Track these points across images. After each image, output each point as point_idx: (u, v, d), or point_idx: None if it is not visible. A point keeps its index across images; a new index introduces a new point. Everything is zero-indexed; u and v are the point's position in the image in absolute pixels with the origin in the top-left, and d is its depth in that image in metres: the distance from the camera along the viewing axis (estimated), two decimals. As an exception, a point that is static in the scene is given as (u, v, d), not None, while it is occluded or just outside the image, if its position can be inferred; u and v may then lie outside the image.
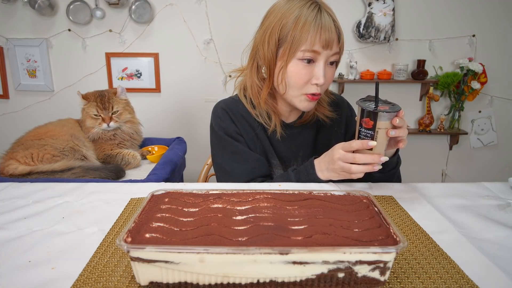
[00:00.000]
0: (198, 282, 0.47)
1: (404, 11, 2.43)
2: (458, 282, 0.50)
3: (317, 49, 0.87)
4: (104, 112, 1.67)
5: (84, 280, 0.50)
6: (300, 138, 1.05)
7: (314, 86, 0.91)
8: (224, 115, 1.01)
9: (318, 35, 0.86)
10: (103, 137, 1.71)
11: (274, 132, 1.01)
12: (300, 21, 0.86)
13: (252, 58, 0.99)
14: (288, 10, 0.89)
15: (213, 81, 2.54)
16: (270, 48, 0.92)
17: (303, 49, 0.87)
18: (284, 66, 0.91)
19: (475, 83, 2.45)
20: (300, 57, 0.88)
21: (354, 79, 2.44)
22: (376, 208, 0.57)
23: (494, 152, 2.71)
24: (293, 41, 0.87)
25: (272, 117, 1.00)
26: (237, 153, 0.99)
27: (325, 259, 0.45)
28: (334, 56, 0.91)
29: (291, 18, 0.87)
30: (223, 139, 1.00)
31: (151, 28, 2.44)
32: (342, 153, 0.80)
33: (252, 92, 1.00)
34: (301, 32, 0.86)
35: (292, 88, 0.92)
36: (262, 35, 0.94)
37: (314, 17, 0.86)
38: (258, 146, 1.02)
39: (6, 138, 1.81)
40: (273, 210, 0.58)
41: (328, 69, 0.91)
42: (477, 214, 0.72)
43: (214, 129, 1.02)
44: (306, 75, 0.90)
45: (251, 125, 1.02)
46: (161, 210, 0.57)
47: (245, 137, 1.01)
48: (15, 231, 0.64)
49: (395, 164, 0.93)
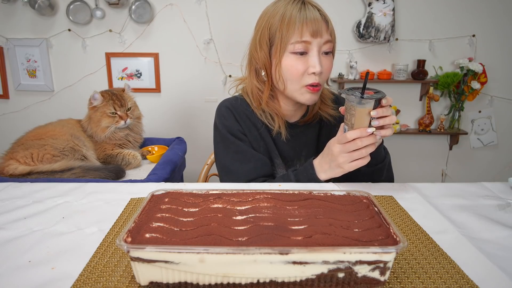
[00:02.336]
0: (198, 282, 0.47)
1: (404, 11, 2.44)
2: (458, 282, 0.50)
3: (307, 39, 0.88)
4: (121, 109, 1.68)
5: (84, 280, 0.50)
6: (303, 138, 1.05)
7: (312, 76, 0.91)
8: (228, 114, 1.01)
9: (304, 26, 0.88)
10: (115, 136, 1.71)
11: (278, 133, 1.01)
12: (285, 17, 0.89)
13: (250, 64, 1.01)
14: (273, 10, 0.92)
15: (213, 81, 2.54)
16: (263, 50, 0.94)
17: (293, 42, 0.89)
18: (278, 63, 0.92)
19: (475, 83, 2.45)
20: (291, 50, 0.90)
21: (354, 79, 2.45)
22: (376, 208, 0.57)
23: (494, 152, 2.71)
24: (282, 36, 0.89)
25: (275, 119, 1.00)
26: (240, 153, 0.99)
27: (325, 259, 0.45)
28: (327, 45, 0.91)
29: (277, 17, 0.90)
30: (227, 138, 1.00)
31: (151, 28, 2.44)
32: (340, 146, 0.81)
33: (253, 97, 1.01)
34: (288, 27, 0.88)
35: (290, 82, 0.93)
36: (254, 40, 0.98)
37: (298, 10, 0.88)
38: (262, 145, 1.02)
39: (6, 138, 1.81)
40: (273, 210, 0.58)
41: (324, 58, 0.92)
42: (477, 214, 0.72)
43: (218, 127, 1.02)
44: (302, 66, 0.90)
45: (255, 124, 1.02)
46: (161, 210, 0.57)
47: (249, 136, 1.01)
48: (15, 231, 0.64)
49: (383, 158, 0.93)
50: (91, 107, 1.69)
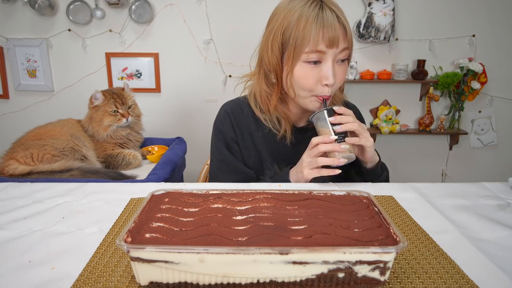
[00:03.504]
0: (198, 282, 0.47)
1: (404, 11, 2.43)
2: (458, 282, 0.50)
3: (322, 49, 0.83)
4: (122, 107, 1.69)
5: (84, 280, 0.50)
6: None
7: (325, 87, 0.86)
8: (225, 119, 1.01)
9: (320, 34, 0.81)
10: (116, 135, 1.72)
11: (284, 138, 0.99)
12: (301, 22, 0.82)
13: (259, 65, 0.96)
14: (289, 11, 0.85)
15: (213, 81, 2.54)
16: (274, 54, 0.88)
17: (307, 51, 0.83)
18: (290, 71, 0.87)
19: (475, 83, 2.44)
20: (305, 60, 0.84)
21: (354, 79, 2.45)
22: (376, 208, 0.57)
23: (494, 152, 2.71)
24: (296, 44, 0.83)
25: (282, 123, 0.97)
26: (224, 162, 0.99)
27: (325, 259, 0.45)
28: (343, 53, 0.86)
29: (292, 20, 0.84)
30: (216, 143, 1.01)
31: (151, 28, 2.44)
32: (307, 152, 0.87)
33: (261, 99, 0.97)
34: (303, 33, 0.82)
35: (301, 91, 0.89)
36: (265, 41, 0.91)
37: (315, 16, 0.82)
38: (253, 155, 1.00)
39: (6, 138, 1.81)
40: (273, 210, 0.58)
41: (338, 68, 0.87)
42: (477, 214, 0.72)
43: (214, 128, 1.03)
44: (314, 77, 0.86)
45: (253, 131, 1.00)
46: (161, 210, 0.57)
47: (242, 145, 1.00)
48: (15, 231, 0.64)
49: (379, 175, 0.94)
50: (93, 106, 1.70)
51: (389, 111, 2.53)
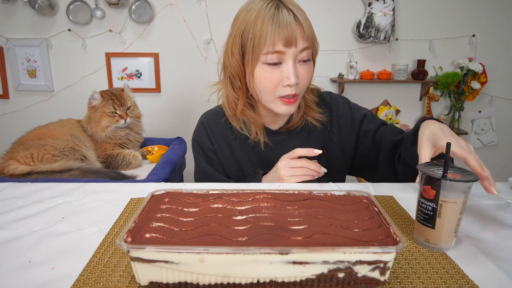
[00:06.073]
0: (198, 282, 0.47)
1: (404, 11, 2.43)
2: (458, 282, 0.50)
3: (280, 49, 0.81)
4: (121, 108, 1.69)
5: (84, 280, 0.50)
6: (290, 144, 0.97)
7: (287, 88, 0.84)
8: (201, 131, 1.02)
9: (276, 34, 0.80)
10: (115, 135, 1.72)
11: (257, 142, 0.97)
12: (257, 23, 0.81)
13: (224, 70, 0.95)
14: (247, 13, 0.84)
15: (213, 81, 2.53)
16: (235, 57, 0.87)
17: (265, 52, 0.82)
18: (251, 74, 0.86)
19: (475, 83, 2.45)
20: (264, 61, 0.83)
21: (354, 79, 2.45)
22: (376, 208, 0.57)
23: (494, 152, 2.71)
24: (254, 45, 0.82)
25: (252, 128, 0.96)
26: (203, 174, 1.01)
27: (325, 259, 0.45)
28: (304, 53, 0.84)
29: (250, 21, 0.83)
30: (195, 156, 1.04)
31: (151, 28, 2.44)
32: (286, 161, 0.87)
33: (229, 105, 0.96)
34: (260, 34, 0.81)
35: (264, 93, 0.87)
36: (226, 44, 0.90)
37: (271, 15, 0.80)
38: (233, 164, 1.00)
39: (6, 138, 1.81)
40: (273, 210, 0.58)
41: (301, 67, 0.85)
42: (477, 214, 0.72)
43: (192, 141, 1.05)
44: (275, 77, 0.84)
45: (229, 142, 0.99)
46: (161, 210, 0.57)
47: (220, 156, 1.01)
48: (15, 231, 0.64)
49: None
50: (91, 106, 1.70)
51: (389, 111, 2.54)
